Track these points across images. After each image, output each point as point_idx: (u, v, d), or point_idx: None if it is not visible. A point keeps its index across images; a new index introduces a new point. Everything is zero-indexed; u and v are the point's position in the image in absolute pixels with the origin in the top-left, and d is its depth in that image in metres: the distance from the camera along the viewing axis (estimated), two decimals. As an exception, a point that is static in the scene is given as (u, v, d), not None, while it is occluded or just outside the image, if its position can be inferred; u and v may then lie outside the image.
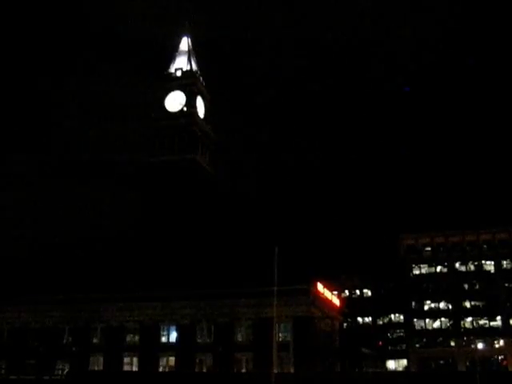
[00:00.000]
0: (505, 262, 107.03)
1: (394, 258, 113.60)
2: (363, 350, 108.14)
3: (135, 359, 78.43)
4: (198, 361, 76.42)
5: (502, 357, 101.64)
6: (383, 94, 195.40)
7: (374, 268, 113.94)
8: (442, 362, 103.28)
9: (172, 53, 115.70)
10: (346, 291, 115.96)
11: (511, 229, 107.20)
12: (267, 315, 73.44)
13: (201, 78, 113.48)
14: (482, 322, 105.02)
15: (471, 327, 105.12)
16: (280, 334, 74.97)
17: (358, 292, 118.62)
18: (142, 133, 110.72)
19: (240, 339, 76.20)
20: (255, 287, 75.30)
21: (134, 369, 77.29)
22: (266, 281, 79.24)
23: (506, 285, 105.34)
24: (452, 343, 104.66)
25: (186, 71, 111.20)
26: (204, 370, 75.11)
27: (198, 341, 77.03)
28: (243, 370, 73.83)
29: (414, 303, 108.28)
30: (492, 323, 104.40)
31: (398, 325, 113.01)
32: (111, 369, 76.45)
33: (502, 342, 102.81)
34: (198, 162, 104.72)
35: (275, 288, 74.43)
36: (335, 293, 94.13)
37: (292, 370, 70.17)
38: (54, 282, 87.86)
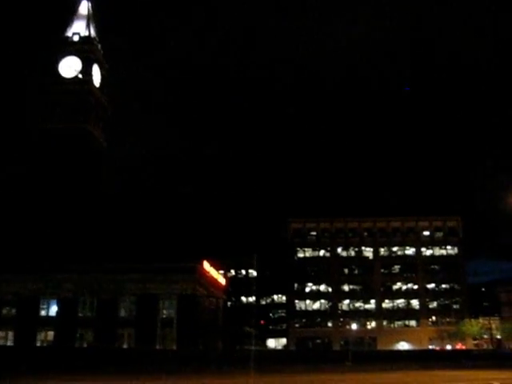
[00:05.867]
0: (382, 250, 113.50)
1: (282, 240, 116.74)
2: (245, 328, 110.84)
3: (11, 333, 75.52)
4: (78, 336, 74.92)
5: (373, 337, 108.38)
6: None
7: (261, 249, 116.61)
8: (318, 341, 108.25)
9: (70, 16, 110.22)
10: (232, 271, 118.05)
11: (390, 218, 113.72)
12: (152, 291, 73.63)
13: (99, 46, 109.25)
14: (357, 304, 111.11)
15: (348, 309, 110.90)
16: (164, 311, 75.46)
17: (243, 272, 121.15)
18: (34, 98, 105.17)
19: (123, 314, 75.60)
20: (141, 263, 75.02)
21: (9, 343, 74.37)
22: (152, 257, 79.22)
23: (382, 271, 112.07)
24: (329, 324, 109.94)
25: (84, 37, 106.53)
26: (84, 345, 73.77)
27: (80, 315, 75.49)
28: (125, 346, 73.44)
29: (296, 285, 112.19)
30: (366, 306, 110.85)
31: (280, 305, 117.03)
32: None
33: (374, 324, 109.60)
34: (90, 133, 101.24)
35: (161, 264, 74.81)
36: (221, 272, 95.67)
37: (175, 347, 70.79)
38: None
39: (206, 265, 79.45)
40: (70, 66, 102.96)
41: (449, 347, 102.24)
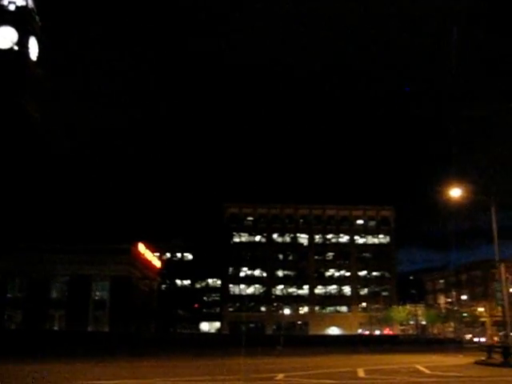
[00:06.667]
0: (317, 237, 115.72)
1: (218, 225, 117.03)
2: (179, 311, 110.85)
3: None
4: (6, 317, 72.91)
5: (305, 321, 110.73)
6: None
7: (197, 233, 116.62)
8: (252, 325, 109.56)
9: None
10: (168, 254, 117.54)
11: (326, 206, 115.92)
12: (85, 273, 72.40)
13: (37, 18, 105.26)
14: (291, 290, 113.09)
15: (281, 294, 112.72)
16: (97, 293, 74.43)
17: (179, 255, 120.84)
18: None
19: (55, 296, 74.07)
20: (74, 243, 73.58)
21: None
22: (87, 238, 77.83)
23: (316, 257, 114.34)
24: (263, 308, 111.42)
25: (21, 7, 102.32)
26: (13, 327, 71.89)
27: (9, 296, 73.43)
28: (55, 328, 72.07)
29: (231, 269, 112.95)
30: (300, 291, 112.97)
31: (214, 289, 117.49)
32: None
33: (306, 309, 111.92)
34: (24, 107, 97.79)
35: (94, 246, 73.62)
36: (157, 254, 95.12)
37: (107, 329, 70.10)
38: None
39: (141, 247, 78.79)
40: (4, 37, 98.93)
41: (377, 332, 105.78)
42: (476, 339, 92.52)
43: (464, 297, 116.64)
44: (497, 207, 38.18)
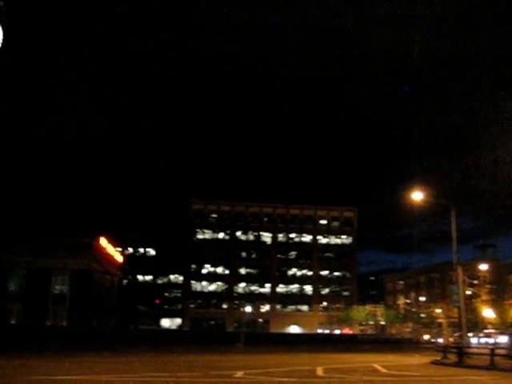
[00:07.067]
0: (280, 236, 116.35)
1: (182, 221, 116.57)
2: (140, 307, 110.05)
3: None
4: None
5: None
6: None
7: (161, 229, 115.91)
8: (213, 322, 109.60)
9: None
10: (130, 249, 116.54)
11: (290, 206, 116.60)
12: (44, 266, 71.17)
13: (2, 3, 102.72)
14: (253, 287, 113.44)
15: (243, 292, 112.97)
16: (57, 287, 73.29)
17: (141, 250, 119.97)
18: None
19: (12, 289, 72.57)
20: (34, 236, 72.24)
21: None
22: (47, 230, 76.43)
23: (279, 256, 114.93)
24: (224, 306, 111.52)
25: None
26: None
27: (-37, 288, 71.65)
28: (13, 322, 70.61)
29: (194, 266, 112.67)
30: (261, 290, 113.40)
31: (176, 285, 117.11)
32: None
33: (267, 307, 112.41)
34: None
35: (55, 238, 72.41)
36: (119, 249, 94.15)
37: (65, 324, 69.11)
38: None
39: (103, 241, 77.87)
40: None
41: (337, 331, 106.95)
42: (433, 340, 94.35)
43: (422, 298, 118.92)
44: (457, 211, 39.05)
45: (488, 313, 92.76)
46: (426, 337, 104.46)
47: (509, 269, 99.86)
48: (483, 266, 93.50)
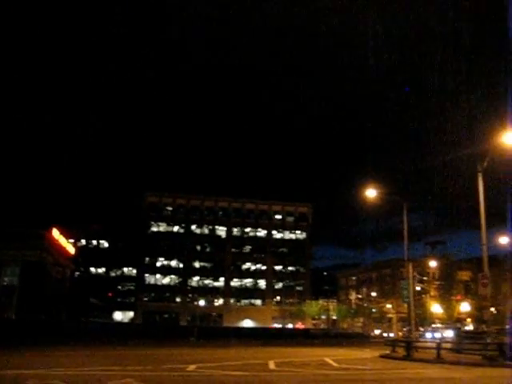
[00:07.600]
0: (235, 230, 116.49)
1: (137, 213, 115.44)
2: (92, 299, 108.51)
3: None
4: None
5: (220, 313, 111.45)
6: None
7: (115, 221, 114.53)
8: (166, 315, 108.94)
9: None
10: (83, 240, 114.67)
11: (245, 200, 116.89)
12: (-7, 257, 69.44)
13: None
14: (207, 281, 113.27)
15: (197, 286, 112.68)
16: (6, 278, 71.59)
17: (94, 242, 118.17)
18: None
19: (-42, 280, 70.56)
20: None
21: None
22: (-2, 221, 74.46)
23: (233, 250, 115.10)
24: (178, 299, 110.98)
25: None
26: None
27: None
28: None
29: (147, 259, 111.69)
30: (215, 283, 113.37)
31: (129, 278, 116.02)
32: None
33: (221, 301, 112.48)
34: None
35: (4, 229, 70.62)
36: (72, 241, 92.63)
37: (14, 316, 67.57)
38: None
39: (56, 232, 76.43)
40: None
41: (290, 326, 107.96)
42: (384, 334, 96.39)
43: (374, 293, 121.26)
44: (408, 208, 40.00)
45: (436, 308, 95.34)
46: (377, 331, 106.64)
47: (457, 266, 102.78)
48: (432, 263, 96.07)
